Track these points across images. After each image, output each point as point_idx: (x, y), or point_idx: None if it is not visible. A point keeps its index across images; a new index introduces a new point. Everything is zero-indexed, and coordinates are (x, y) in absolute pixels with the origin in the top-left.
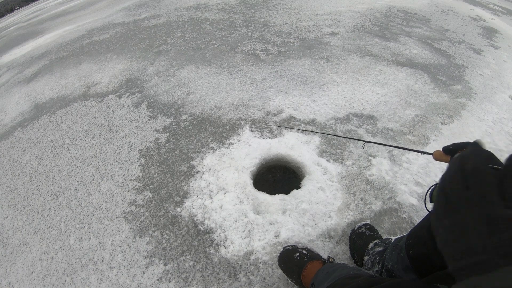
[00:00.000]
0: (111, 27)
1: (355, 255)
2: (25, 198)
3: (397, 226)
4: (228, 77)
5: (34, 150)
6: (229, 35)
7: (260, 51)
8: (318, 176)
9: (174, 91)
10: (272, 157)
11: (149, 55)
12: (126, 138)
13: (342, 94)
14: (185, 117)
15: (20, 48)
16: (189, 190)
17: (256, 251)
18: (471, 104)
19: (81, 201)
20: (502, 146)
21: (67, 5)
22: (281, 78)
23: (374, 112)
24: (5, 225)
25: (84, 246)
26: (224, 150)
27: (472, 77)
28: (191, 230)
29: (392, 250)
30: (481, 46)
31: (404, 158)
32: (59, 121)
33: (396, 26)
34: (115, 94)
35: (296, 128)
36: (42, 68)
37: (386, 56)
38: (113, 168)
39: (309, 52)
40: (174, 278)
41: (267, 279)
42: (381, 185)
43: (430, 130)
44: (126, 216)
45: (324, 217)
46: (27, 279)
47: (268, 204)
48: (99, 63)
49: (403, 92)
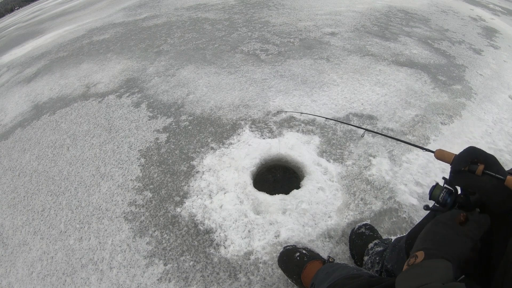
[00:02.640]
0: (111, 27)
1: (355, 255)
2: (25, 198)
3: (397, 226)
4: (228, 77)
5: (34, 150)
6: (229, 35)
7: (260, 51)
8: (318, 176)
9: (174, 91)
10: (272, 157)
11: (149, 55)
12: (126, 138)
13: (342, 94)
14: (185, 117)
15: (20, 48)
16: (189, 190)
17: (256, 251)
18: (471, 104)
19: (81, 201)
20: (502, 146)
21: (67, 5)
22: (281, 78)
23: (374, 112)
24: (5, 225)
25: (84, 246)
26: (224, 150)
27: (472, 77)
28: (191, 230)
29: (392, 250)
30: (481, 46)
31: (404, 158)
32: (59, 121)
33: (396, 26)
34: (115, 94)
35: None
36: (42, 68)
37: (386, 56)
38: (113, 168)
39: (309, 52)
40: (174, 278)
41: (267, 279)
42: (381, 185)
43: (430, 130)
44: (126, 216)
45: (324, 217)
46: (27, 279)
47: (268, 204)
48: (99, 63)
49: (403, 92)
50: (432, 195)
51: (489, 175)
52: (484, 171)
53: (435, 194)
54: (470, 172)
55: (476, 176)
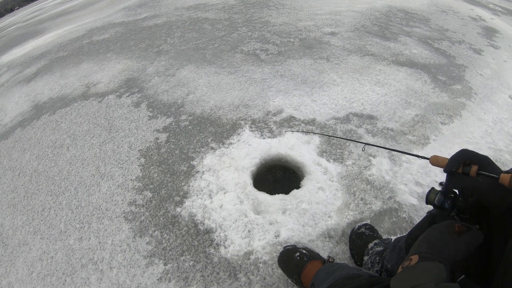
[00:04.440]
0: (111, 27)
1: (355, 255)
2: (25, 198)
3: (397, 226)
4: (228, 77)
5: (34, 150)
6: (229, 35)
7: (260, 51)
8: (318, 176)
9: (174, 91)
10: (272, 157)
11: (149, 55)
12: (126, 138)
13: (342, 94)
14: (185, 117)
15: (20, 48)
16: (189, 190)
17: (256, 251)
18: (471, 104)
19: (81, 201)
20: (502, 146)
21: (67, 5)
22: (281, 78)
23: (374, 112)
24: (5, 225)
25: (84, 246)
26: (224, 150)
27: (472, 77)
28: (191, 230)
29: (392, 250)
30: (481, 46)
31: (404, 158)
32: (59, 121)
33: (396, 26)
34: (115, 94)
35: (296, 130)
36: (42, 68)
37: (386, 56)
38: (113, 168)
39: (309, 52)
40: (174, 278)
41: (267, 279)
42: (381, 185)
43: (430, 130)
44: (126, 216)
45: (324, 217)
46: (27, 279)
47: (268, 204)
48: (99, 63)
49: (403, 92)
50: (428, 199)
51: (483, 175)
52: (478, 171)
53: (431, 198)
54: (464, 174)
55: (471, 178)
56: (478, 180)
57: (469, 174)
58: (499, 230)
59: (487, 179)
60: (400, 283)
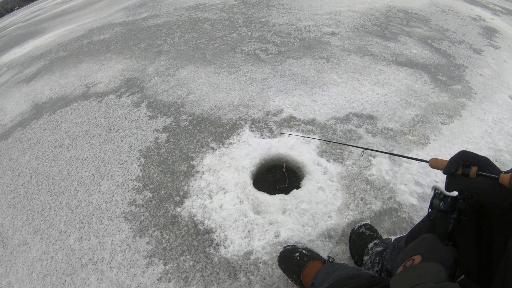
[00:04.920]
0: (111, 26)
1: (355, 255)
2: (25, 198)
3: (397, 226)
4: (228, 77)
5: (34, 150)
6: (229, 35)
7: (260, 51)
8: (318, 176)
9: (174, 91)
10: (272, 157)
11: (149, 55)
12: (126, 138)
13: (342, 94)
14: (185, 117)
15: (20, 48)
16: (189, 190)
17: (256, 251)
18: (471, 104)
19: (81, 201)
20: (502, 146)
21: (67, 5)
22: (281, 78)
23: (374, 112)
24: (5, 225)
25: (84, 246)
26: (224, 150)
27: (472, 77)
28: (191, 230)
29: (392, 250)
30: (481, 46)
31: (404, 158)
32: (59, 121)
33: (396, 26)
34: (115, 93)
35: (297, 134)
36: (42, 68)
37: (386, 56)
38: (113, 168)
39: (309, 52)
40: (174, 278)
41: (267, 279)
42: (381, 185)
43: (430, 130)
44: (126, 216)
45: (324, 217)
46: (27, 279)
47: (268, 204)
48: (99, 62)
49: (403, 92)
50: (433, 205)
51: (483, 176)
52: (477, 172)
53: (435, 204)
54: (464, 176)
55: (470, 179)
56: (478, 181)
57: (468, 175)
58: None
59: (487, 180)
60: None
